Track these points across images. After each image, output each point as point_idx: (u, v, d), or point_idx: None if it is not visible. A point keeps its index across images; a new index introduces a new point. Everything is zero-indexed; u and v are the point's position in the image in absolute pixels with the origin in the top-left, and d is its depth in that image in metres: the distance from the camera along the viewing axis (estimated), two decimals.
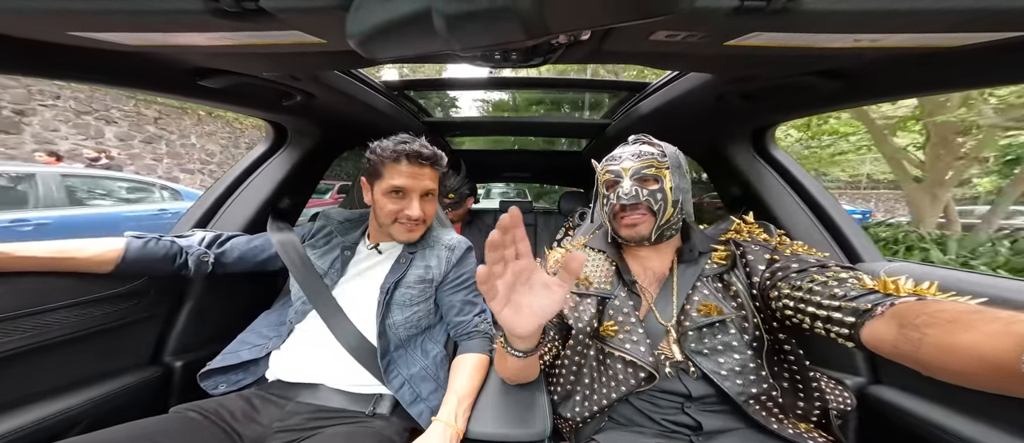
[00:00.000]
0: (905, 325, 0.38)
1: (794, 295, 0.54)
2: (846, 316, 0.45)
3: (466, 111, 2.15)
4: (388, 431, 0.68)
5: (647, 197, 0.66)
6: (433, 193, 0.83)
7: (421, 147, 0.78)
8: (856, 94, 0.75)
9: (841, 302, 0.47)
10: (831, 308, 0.47)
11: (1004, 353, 0.30)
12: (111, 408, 0.75)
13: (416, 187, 0.78)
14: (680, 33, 0.53)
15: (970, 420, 0.59)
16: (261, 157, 1.15)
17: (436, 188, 0.83)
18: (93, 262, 0.71)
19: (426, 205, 0.81)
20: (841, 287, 0.49)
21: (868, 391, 0.75)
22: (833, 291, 0.49)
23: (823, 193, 1.01)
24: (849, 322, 0.45)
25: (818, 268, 0.55)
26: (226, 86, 0.81)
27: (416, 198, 0.78)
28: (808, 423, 0.59)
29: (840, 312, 0.46)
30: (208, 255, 0.83)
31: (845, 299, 0.47)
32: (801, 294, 0.53)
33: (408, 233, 0.81)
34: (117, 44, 0.59)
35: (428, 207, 0.82)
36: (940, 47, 0.54)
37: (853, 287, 0.48)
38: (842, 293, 0.47)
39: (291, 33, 0.53)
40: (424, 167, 0.79)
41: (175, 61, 0.72)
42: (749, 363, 0.59)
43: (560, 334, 0.72)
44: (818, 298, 0.50)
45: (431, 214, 0.84)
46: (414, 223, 0.80)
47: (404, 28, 0.40)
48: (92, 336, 0.75)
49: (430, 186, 0.81)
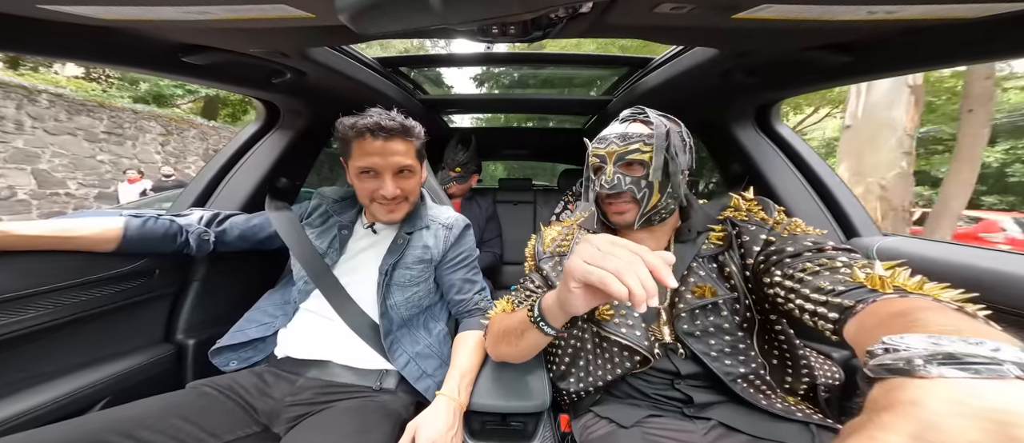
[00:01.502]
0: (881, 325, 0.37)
1: (785, 284, 0.52)
2: (830, 312, 0.44)
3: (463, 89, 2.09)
4: (395, 404, 0.71)
5: (630, 185, 0.63)
6: (410, 169, 0.76)
7: (387, 120, 0.72)
8: (866, 68, 0.73)
9: (827, 297, 0.45)
10: (818, 302, 0.46)
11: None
12: (131, 384, 0.78)
13: (386, 165, 0.73)
14: (686, 5, 0.51)
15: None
16: (253, 137, 1.13)
17: (413, 163, 0.76)
18: (94, 240, 0.72)
19: (403, 182, 0.76)
20: (830, 279, 0.47)
21: (853, 363, 0.78)
22: (820, 284, 0.47)
23: (825, 168, 1.01)
24: (833, 318, 0.44)
25: (814, 252, 0.54)
26: (211, 63, 0.77)
27: (388, 176, 0.73)
28: (796, 396, 0.61)
29: (825, 307, 0.45)
30: (208, 233, 0.83)
31: (831, 294, 0.45)
32: (791, 284, 0.51)
33: (389, 213, 0.77)
34: (93, 19, 0.56)
35: (406, 183, 0.76)
36: (957, 18, 0.52)
37: (842, 280, 0.46)
38: (830, 287, 0.46)
39: (276, 7, 0.50)
40: (392, 140, 0.72)
41: (156, 38, 0.68)
42: (739, 344, 0.60)
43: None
44: (807, 290, 0.48)
45: (412, 190, 0.78)
46: (392, 203, 0.76)
47: (396, 1, 0.38)
48: (102, 315, 0.76)
49: (403, 161, 0.74)
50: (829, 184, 0.98)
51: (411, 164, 0.76)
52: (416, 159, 0.78)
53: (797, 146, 1.05)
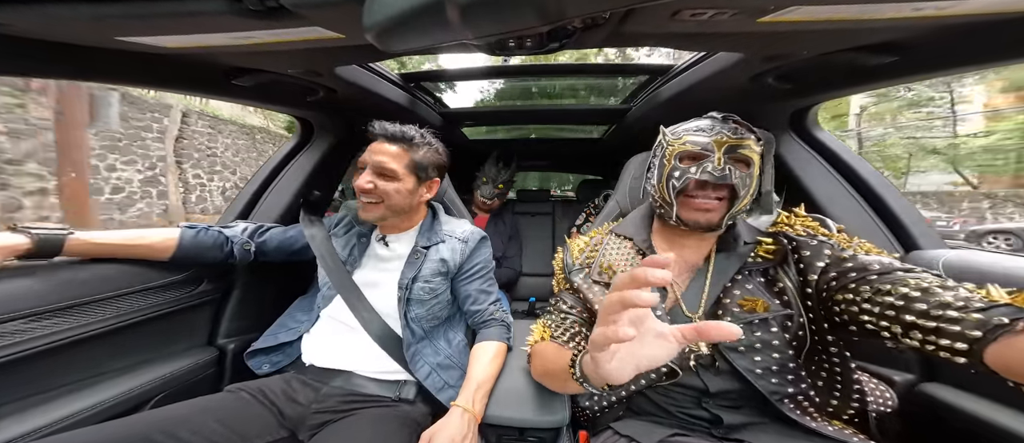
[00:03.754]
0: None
1: (879, 301, 0.47)
2: (969, 330, 0.38)
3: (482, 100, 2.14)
4: (414, 414, 0.72)
5: (737, 179, 0.58)
6: (392, 172, 0.77)
7: (390, 126, 0.78)
8: (912, 68, 0.68)
9: (961, 313, 0.40)
10: (944, 319, 0.40)
11: None
12: (177, 385, 0.83)
13: (370, 160, 0.77)
14: (708, 11, 0.49)
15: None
16: (291, 152, 1.21)
17: (399, 170, 0.77)
18: (156, 248, 0.79)
19: (380, 181, 0.77)
20: (954, 295, 0.42)
21: (919, 389, 0.70)
22: (943, 299, 0.42)
23: (876, 175, 0.93)
24: (973, 336, 0.38)
25: (905, 272, 0.49)
26: (255, 84, 0.85)
27: (369, 170, 0.77)
28: (841, 421, 0.56)
29: (959, 324, 0.39)
30: (251, 244, 0.89)
31: (965, 310, 0.40)
32: (891, 300, 0.45)
33: (363, 210, 0.79)
34: (158, 47, 0.63)
35: (384, 184, 0.77)
36: (1016, 12, 0.47)
37: (972, 297, 0.41)
38: (961, 303, 0.41)
39: (311, 29, 0.54)
40: (387, 143, 0.77)
41: (209, 62, 0.76)
42: (788, 363, 0.56)
43: (589, 327, 0.71)
44: (922, 307, 0.42)
45: (387, 193, 0.77)
46: (365, 195, 0.77)
47: (418, 18, 0.40)
48: (157, 319, 0.83)
49: (387, 163, 0.76)
50: (881, 192, 0.90)
51: (394, 168, 0.77)
52: (406, 168, 0.79)
53: (841, 153, 0.97)
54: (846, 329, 0.53)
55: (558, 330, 0.68)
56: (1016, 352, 0.35)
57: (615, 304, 0.36)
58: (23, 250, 0.63)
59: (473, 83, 1.78)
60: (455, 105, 1.63)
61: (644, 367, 0.39)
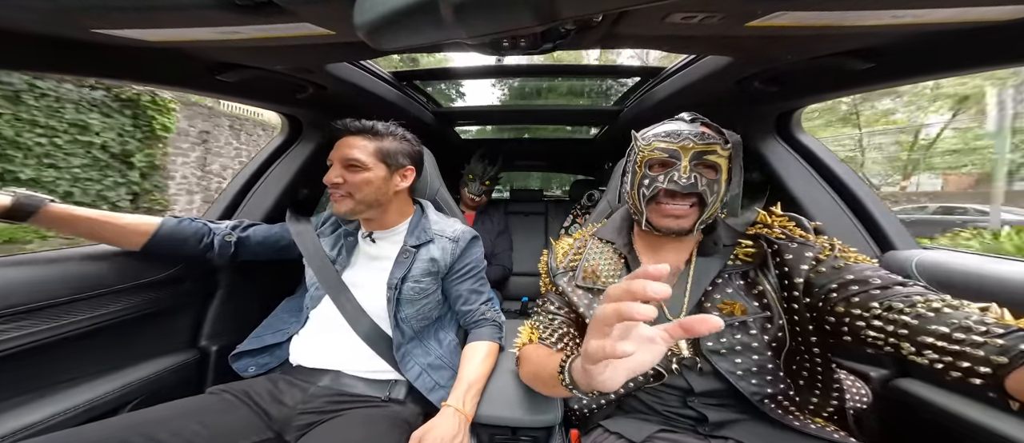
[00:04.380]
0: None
1: (891, 318, 0.47)
2: (992, 355, 0.39)
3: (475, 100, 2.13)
4: (404, 414, 0.71)
5: (704, 187, 0.59)
6: (360, 164, 0.76)
7: (352, 120, 0.79)
8: (892, 73, 0.70)
9: (982, 338, 0.40)
10: (966, 344, 0.41)
11: None
12: (158, 388, 0.81)
13: (338, 155, 0.77)
14: (698, 15, 0.50)
15: (1000, 414, 0.57)
16: (278, 149, 1.18)
17: (366, 160, 0.76)
18: (128, 230, 0.77)
19: (349, 174, 0.76)
20: (967, 318, 0.42)
21: (893, 384, 0.73)
22: (959, 323, 0.42)
23: (853, 178, 0.96)
24: (997, 362, 0.38)
25: (902, 286, 0.50)
26: (241, 80, 0.82)
27: (336, 165, 0.77)
28: (821, 417, 0.58)
29: (982, 349, 0.40)
30: (232, 235, 0.87)
31: (985, 335, 0.40)
32: (906, 319, 0.46)
33: (335, 204, 0.78)
34: (139, 41, 0.61)
35: (352, 177, 0.76)
36: (989, 21, 0.49)
37: (985, 320, 0.42)
38: (982, 328, 0.41)
39: (300, 25, 0.53)
40: (354, 136, 0.78)
41: (194, 57, 0.74)
42: (767, 364, 0.57)
43: (576, 327, 0.72)
44: (942, 329, 0.43)
45: (357, 186, 0.76)
46: (333, 189, 0.77)
47: (411, 17, 0.40)
48: (137, 320, 0.80)
49: (354, 155, 0.75)
50: (859, 195, 0.93)
51: (362, 158, 0.76)
52: (374, 157, 0.78)
53: (822, 156, 1.00)
54: (836, 336, 0.54)
55: (546, 331, 0.69)
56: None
57: (610, 316, 0.35)
58: (2, 208, 0.63)
59: (466, 82, 1.77)
60: (448, 105, 1.62)
61: (635, 372, 0.39)
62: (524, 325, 0.73)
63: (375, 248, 0.86)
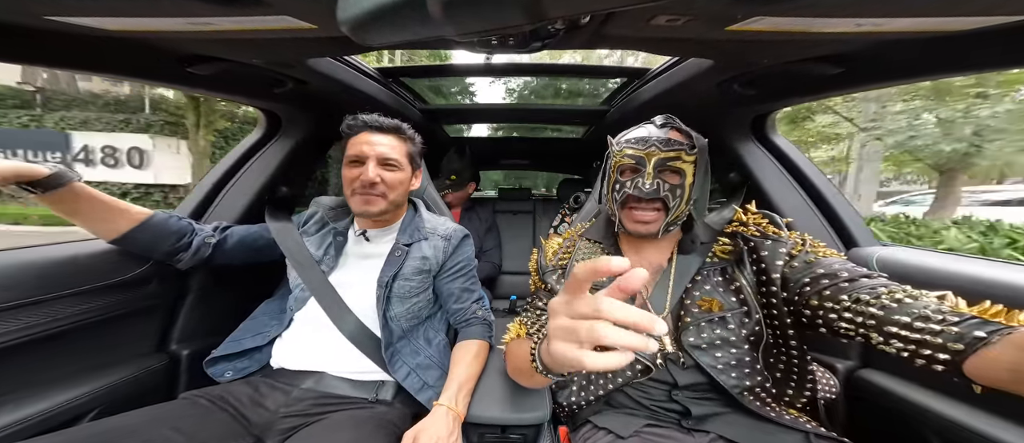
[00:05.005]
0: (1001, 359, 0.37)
1: (860, 310, 0.50)
2: (950, 342, 0.42)
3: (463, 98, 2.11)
4: (392, 415, 0.70)
5: (666, 192, 0.62)
6: (396, 164, 0.78)
7: (382, 117, 0.79)
8: (858, 78, 0.75)
9: (941, 326, 0.43)
10: (927, 332, 0.44)
11: None
12: (120, 396, 0.76)
13: (371, 152, 0.75)
14: (681, 18, 0.52)
15: (951, 401, 0.62)
16: (254, 146, 1.13)
17: (401, 161, 0.78)
18: (132, 214, 0.74)
19: (386, 173, 0.76)
20: (928, 308, 0.45)
21: (857, 374, 0.77)
22: (921, 312, 0.45)
23: (821, 178, 1.02)
24: (955, 349, 0.41)
25: (868, 279, 0.53)
26: (215, 73, 0.78)
27: (372, 163, 0.75)
28: (796, 409, 0.61)
29: (941, 337, 0.43)
30: (213, 238, 0.83)
31: (944, 323, 0.43)
32: (873, 311, 0.48)
33: (365, 204, 0.76)
34: (98, 29, 0.57)
35: (389, 175, 0.77)
36: (943, 31, 0.53)
37: (944, 309, 0.45)
38: (940, 317, 0.44)
39: (280, 18, 0.51)
40: (382, 134, 0.78)
41: (162, 48, 0.69)
42: (745, 357, 0.60)
43: None
44: (904, 319, 0.46)
45: (393, 185, 0.78)
46: (369, 189, 0.75)
47: (398, 13, 0.39)
48: (95, 326, 0.75)
49: (389, 154, 0.77)
50: (826, 194, 0.98)
51: (398, 158, 0.78)
52: (405, 158, 0.80)
53: (793, 157, 1.06)
54: (812, 328, 0.56)
55: (533, 327, 0.70)
56: (992, 364, 0.39)
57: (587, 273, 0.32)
58: (40, 176, 0.60)
59: (454, 80, 1.75)
60: (436, 102, 1.60)
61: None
62: (513, 322, 0.74)
63: (367, 246, 0.84)
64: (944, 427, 0.61)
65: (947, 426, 0.60)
